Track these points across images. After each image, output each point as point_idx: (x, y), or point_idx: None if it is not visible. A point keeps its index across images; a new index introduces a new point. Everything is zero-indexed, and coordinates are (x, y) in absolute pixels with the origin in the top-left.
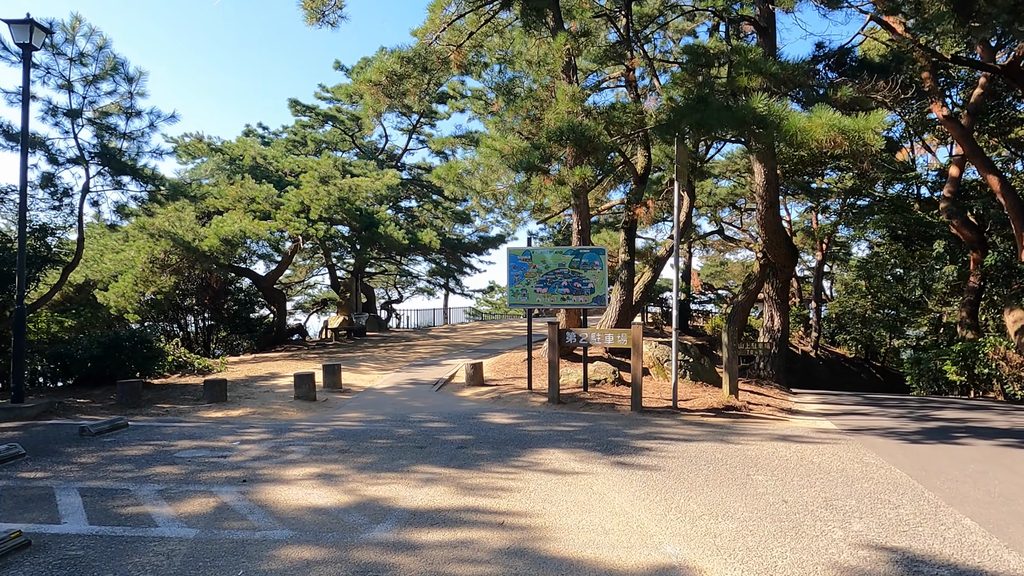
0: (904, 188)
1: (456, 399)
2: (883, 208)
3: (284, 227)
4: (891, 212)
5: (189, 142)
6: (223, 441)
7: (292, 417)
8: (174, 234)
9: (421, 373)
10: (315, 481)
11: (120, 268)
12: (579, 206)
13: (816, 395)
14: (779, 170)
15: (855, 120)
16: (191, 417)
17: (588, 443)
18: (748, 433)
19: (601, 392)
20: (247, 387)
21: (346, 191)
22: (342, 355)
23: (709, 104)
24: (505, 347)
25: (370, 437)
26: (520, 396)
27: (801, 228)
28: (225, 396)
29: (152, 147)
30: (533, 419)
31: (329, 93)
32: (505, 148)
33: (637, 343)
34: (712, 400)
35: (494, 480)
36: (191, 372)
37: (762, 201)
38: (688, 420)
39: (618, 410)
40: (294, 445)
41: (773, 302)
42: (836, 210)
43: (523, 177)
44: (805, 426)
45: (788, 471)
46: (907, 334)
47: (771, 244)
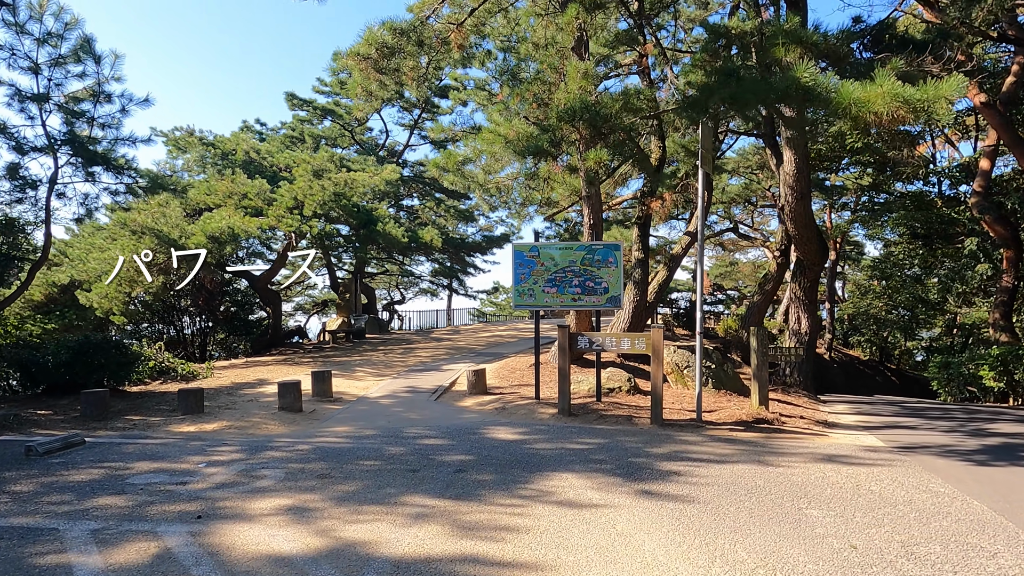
0: (924, 184)
1: (456, 410)
2: (903, 205)
3: (276, 224)
4: (913, 209)
5: (179, 136)
6: (187, 463)
7: (272, 432)
8: (158, 231)
9: (420, 380)
10: (284, 517)
11: (105, 268)
12: (591, 198)
13: (847, 404)
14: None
15: (923, 88)
16: (160, 432)
17: (606, 465)
18: (787, 452)
19: (616, 402)
20: (230, 396)
21: (342, 186)
22: (338, 359)
23: (742, 78)
24: (510, 350)
25: (356, 458)
26: (527, 407)
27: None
28: (202, 407)
29: (125, 135)
30: (542, 434)
31: (327, 87)
32: (510, 133)
33: (657, 349)
34: (740, 412)
35: (497, 516)
36: (174, 378)
37: (791, 192)
38: (716, 436)
39: (636, 423)
40: (268, 468)
41: (800, 303)
42: (850, 207)
43: (530, 163)
44: (848, 443)
45: (846, 503)
46: (920, 336)
47: (801, 239)
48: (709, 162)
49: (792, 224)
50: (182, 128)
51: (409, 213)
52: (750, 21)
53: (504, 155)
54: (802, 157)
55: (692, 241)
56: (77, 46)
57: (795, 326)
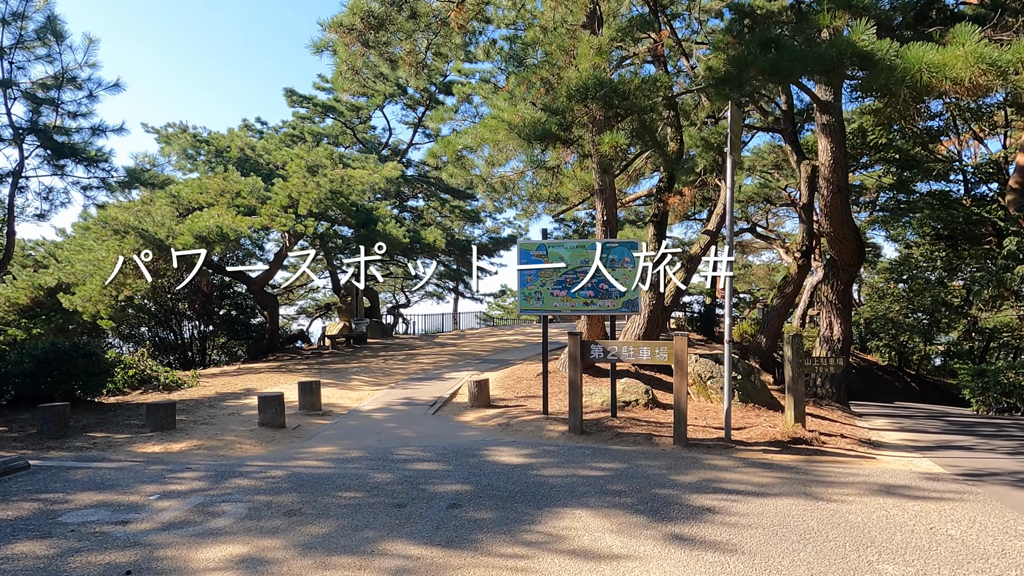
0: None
1: (455, 426)
2: (928, 204)
3: (270, 223)
4: (939, 208)
5: (171, 132)
6: (138, 493)
7: (246, 453)
8: (142, 230)
9: (419, 389)
10: (234, 573)
11: (91, 270)
12: (604, 191)
13: (886, 417)
14: (809, 165)
15: (1016, 47)
16: (120, 453)
17: (626, 498)
18: (836, 481)
19: (633, 418)
20: (211, 408)
21: (338, 183)
22: (335, 366)
23: (783, 46)
24: (517, 356)
25: (335, 488)
26: (534, 423)
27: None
28: (173, 423)
29: (95, 123)
30: (551, 457)
31: (328, 83)
32: (515, 118)
33: (680, 359)
34: (772, 430)
35: (496, 572)
36: (156, 388)
37: (827, 185)
38: (750, 459)
39: (657, 443)
40: (229, 501)
41: (833, 307)
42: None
43: (538, 151)
44: (903, 469)
45: (926, 556)
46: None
47: (836, 237)
48: (738, 149)
49: (827, 221)
50: (175, 124)
51: (414, 214)
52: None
53: (509, 143)
54: (839, 146)
55: (711, 240)
56: (43, 27)
57: (826, 332)
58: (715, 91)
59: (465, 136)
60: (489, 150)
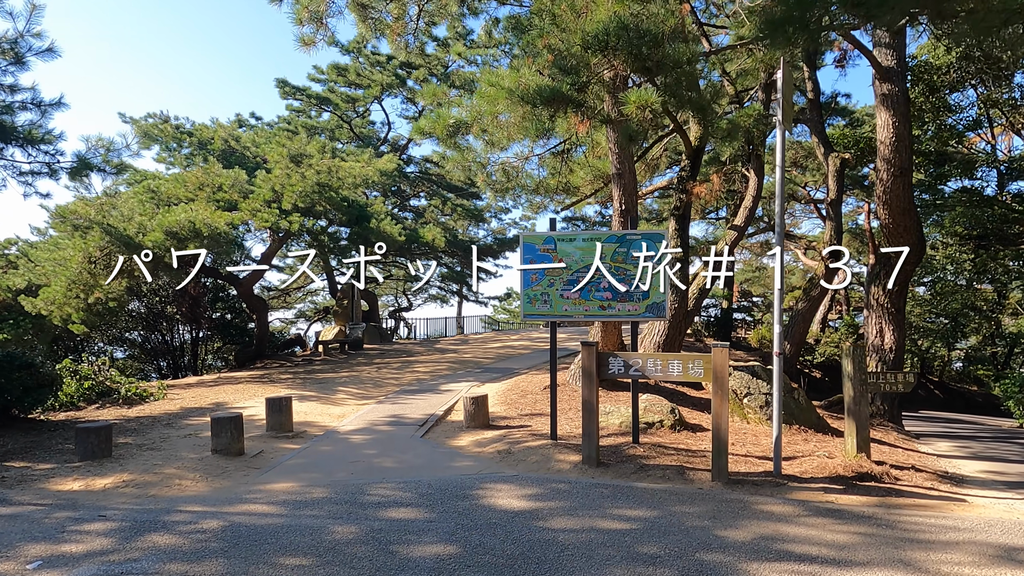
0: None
1: (446, 453)
2: (958, 202)
3: (251, 219)
4: (971, 206)
5: (151, 123)
6: (12, 560)
7: (184, 491)
8: (108, 225)
9: (409, 404)
10: None
11: (57, 270)
12: (622, 176)
13: (947, 439)
14: (838, 158)
15: None
16: (29, 491)
17: (663, 569)
18: (935, 540)
19: (658, 444)
20: (167, 428)
21: (326, 175)
22: (323, 375)
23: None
24: (522, 365)
25: (278, 549)
26: (540, 450)
27: (847, 229)
28: (109, 450)
29: (25, 98)
30: (561, 499)
31: (324, 75)
32: (517, 84)
33: (721, 376)
34: (830, 460)
35: None
36: (115, 401)
37: (887, 167)
38: (811, 503)
39: (692, 479)
40: (132, 574)
41: (884, 312)
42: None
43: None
44: (1010, 519)
45: None
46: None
47: (896, 229)
48: (789, 118)
49: (886, 209)
50: (156, 115)
51: (416, 214)
52: None
53: (510, 113)
54: (903, 120)
55: (739, 236)
56: None
57: (876, 341)
58: (770, 38)
59: (459, 109)
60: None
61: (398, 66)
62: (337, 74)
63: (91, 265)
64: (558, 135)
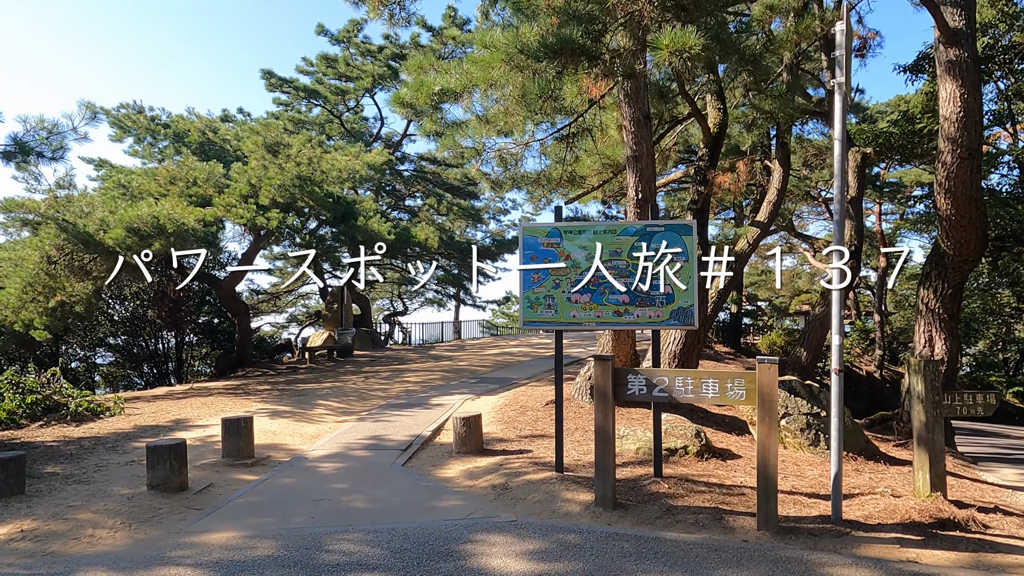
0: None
1: (430, 489)
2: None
3: (225, 215)
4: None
5: (125, 113)
6: None
7: (93, 547)
8: (63, 220)
9: (394, 422)
10: None
11: (10, 271)
12: (639, 159)
13: (1008, 465)
14: (859, 153)
15: None
16: None
17: None
18: None
19: (685, 477)
20: (109, 453)
21: (307, 166)
22: (304, 386)
23: None
24: (521, 374)
25: None
26: (543, 485)
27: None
28: (22, 486)
29: None
30: (570, 559)
31: (313, 67)
32: (516, 42)
33: (769, 399)
34: (894, 498)
35: None
36: (63, 418)
37: (952, 148)
38: (888, 562)
39: (731, 525)
40: None
41: (936, 317)
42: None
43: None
44: None
45: None
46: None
47: (959, 222)
48: (848, 74)
49: (948, 199)
50: (129, 105)
51: (411, 214)
52: None
53: (508, 79)
54: (973, 91)
55: (762, 233)
56: None
57: (925, 351)
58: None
59: (446, 76)
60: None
61: (390, 56)
62: (326, 65)
63: (50, 266)
64: (565, 103)
